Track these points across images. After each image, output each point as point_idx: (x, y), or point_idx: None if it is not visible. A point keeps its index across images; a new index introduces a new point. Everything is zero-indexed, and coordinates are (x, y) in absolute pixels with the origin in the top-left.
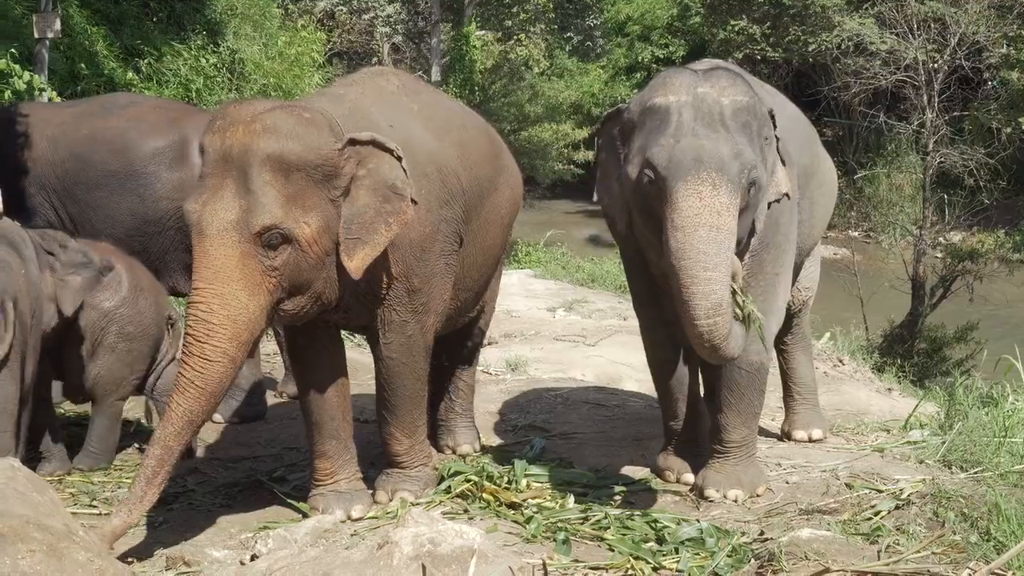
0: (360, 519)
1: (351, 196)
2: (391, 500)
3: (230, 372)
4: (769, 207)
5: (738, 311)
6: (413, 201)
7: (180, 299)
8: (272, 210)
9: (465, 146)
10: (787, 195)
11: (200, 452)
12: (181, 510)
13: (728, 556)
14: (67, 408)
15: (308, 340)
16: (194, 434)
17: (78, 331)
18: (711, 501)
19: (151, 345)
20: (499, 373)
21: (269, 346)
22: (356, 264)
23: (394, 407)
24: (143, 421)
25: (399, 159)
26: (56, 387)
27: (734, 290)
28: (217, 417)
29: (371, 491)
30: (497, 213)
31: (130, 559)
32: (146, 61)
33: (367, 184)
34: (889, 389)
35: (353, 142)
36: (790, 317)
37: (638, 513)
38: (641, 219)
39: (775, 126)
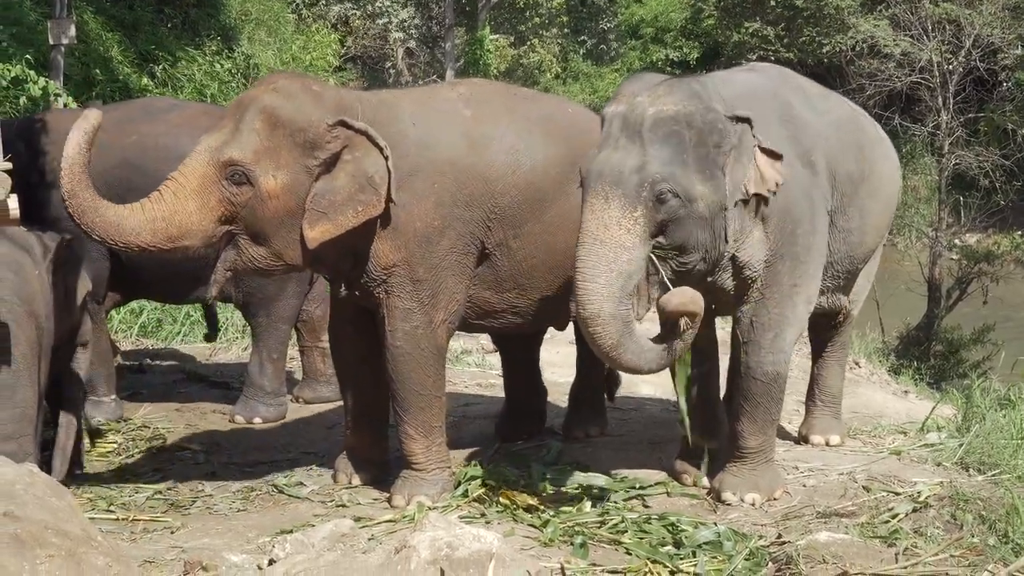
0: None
1: (332, 174)
2: (408, 504)
3: (143, 234)
4: (767, 222)
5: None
6: (391, 201)
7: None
8: (244, 149)
9: (517, 153)
10: (758, 194)
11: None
12: (199, 514)
13: (746, 559)
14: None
15: (340, 320)
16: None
17: None
18: (728, 504)
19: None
20: None
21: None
22: (314, 235)
23: (404, 401)
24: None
25: (386, 158)
26: None
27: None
28: (239, 419)
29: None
30: (570, 217)
31: (148, 563)
32: (161, 66)
33: (349, 169)
34: (906, 391)
35: (346, 125)
36: (833, 327)
37: (655, 516)
38: None
39: (751, 128)
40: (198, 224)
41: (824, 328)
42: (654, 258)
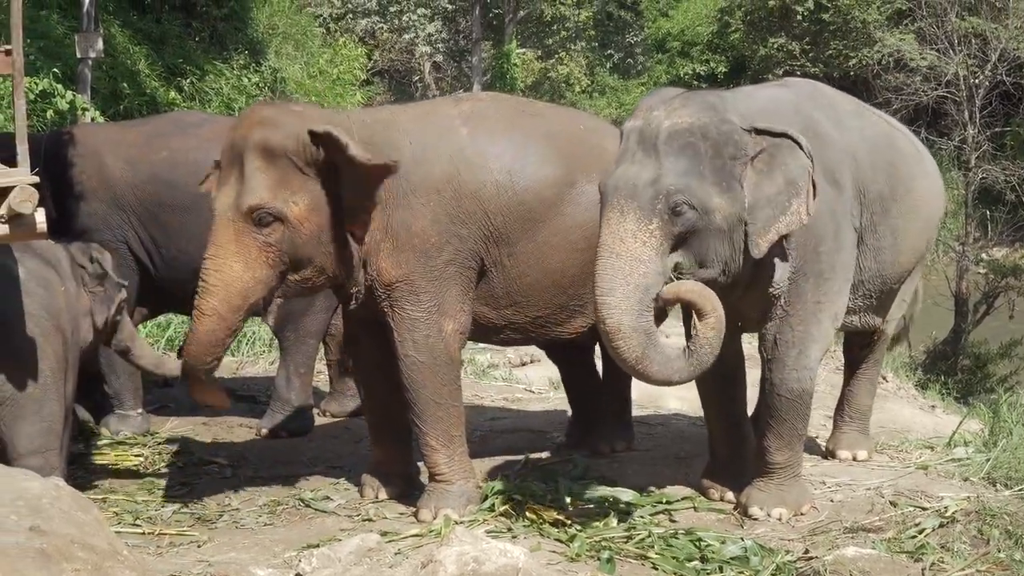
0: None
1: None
2: (435, 518)
3: (219, 329)
4: (789, 240)
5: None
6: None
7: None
8: (258, 192)
9: (513, 173)
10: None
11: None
12: (225, 528)
13: (772, 575)
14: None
15: (354, 330)
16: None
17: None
18: (755, 519)
19: None
20: (542, 391)
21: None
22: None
23: (422, 412)
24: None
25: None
26: None
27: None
28: (265, 432)
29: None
30: (565, 237)
31: None
32: (188, 80)
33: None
34: (933, 406)
35: (313, 135)
36: (866, 346)
37: (682, 531)
38: None
39: (801, 148)
40: (252, 279)
41: (857, 346)
42: (673, 274)
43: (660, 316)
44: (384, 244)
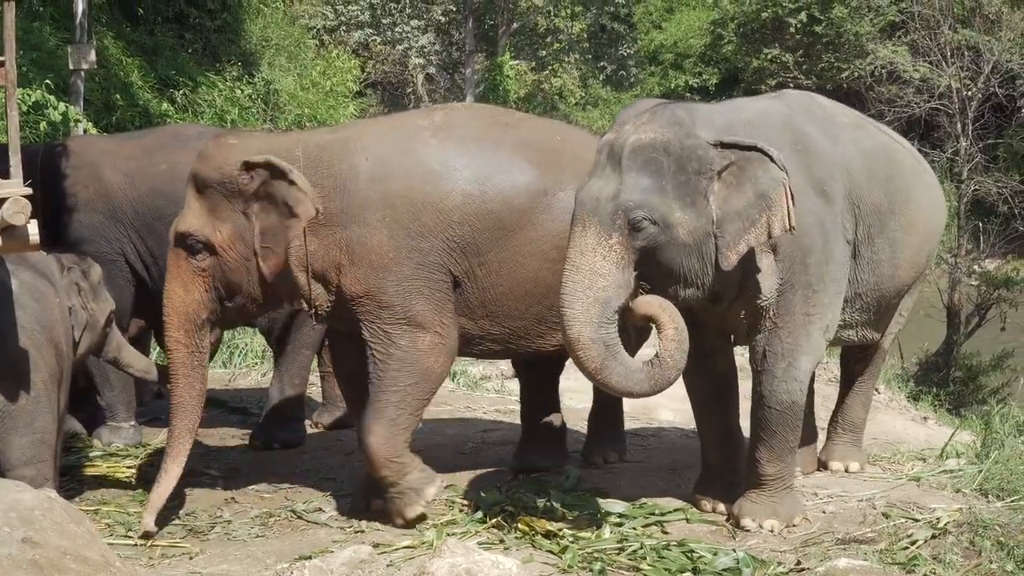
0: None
1: (265, 211)
2: (403, 519)
3: (188, 356)
4: (776, 252)
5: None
6: (318, 211)
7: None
8: (188, 220)
9: (482, 182)
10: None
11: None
12: (217, 540)
13: None
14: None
15: (340, 340)
16: (190, 414)
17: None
18: (747, 531)
19: None
20: None
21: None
22: (268, 270)
23: (378, 401)
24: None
25: (291, 182)
26: None
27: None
28: (258, 444)
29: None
30: (537, 247)
31: None
32: (181, 92)
33: (274, 200)
34: (925, 418)
35: (248, 165)
36: (862, 360)
37: (674, 543)
38: None
39: (773, 160)
40: (192, 301)
41: (854, 360)
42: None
43: (644, 331)
44: (341, 261)
